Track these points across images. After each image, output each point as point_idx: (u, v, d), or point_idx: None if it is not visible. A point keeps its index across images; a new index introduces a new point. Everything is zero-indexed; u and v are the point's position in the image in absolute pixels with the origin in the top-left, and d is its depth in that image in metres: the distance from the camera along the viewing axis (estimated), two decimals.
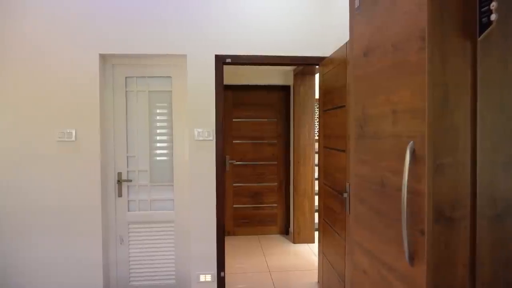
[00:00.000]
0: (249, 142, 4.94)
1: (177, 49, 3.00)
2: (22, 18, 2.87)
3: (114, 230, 3.13)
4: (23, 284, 2.95)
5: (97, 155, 2.95)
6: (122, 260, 3.14)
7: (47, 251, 2.95)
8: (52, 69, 2.90)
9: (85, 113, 2.93)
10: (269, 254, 4.23)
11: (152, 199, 3.16)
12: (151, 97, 3.14)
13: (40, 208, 2.94)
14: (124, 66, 3.10)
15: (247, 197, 4.95)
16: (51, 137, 2.92)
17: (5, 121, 2.89)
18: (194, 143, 3.03)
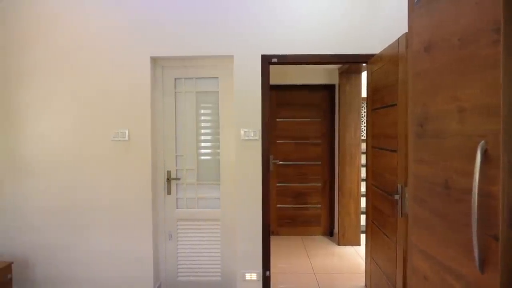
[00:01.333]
0: (293, 142, 4.91)
1: (224, 50, 3.05)
2: (81, 26, 3.06)
3: (163, 226, 3.24)
4: (81, 275, 3.14)
5: (148, 154, 3.07)
6: (170, 255, 3.25)
7: (102, 244, 3.12)
8: (108, 72, 3.06)
9: (137, 113, 3.06)
10: (313, 255, 4.17)
11: (199, 197, 3.24)
12: (199, 98, 3.22)
13: (96, 205, 3.11)
14: (173, 68, 3.20)
15: (291, 197, 4.93)
16: (106, 137, 3.08)
17: (65, 122, 3.09)
18: (240, 142, 3.06)
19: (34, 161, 3.12)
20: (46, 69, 3.08)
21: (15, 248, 3.16)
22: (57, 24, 3.06)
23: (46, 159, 3.12)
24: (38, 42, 3.08)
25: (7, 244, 3.16)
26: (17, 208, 3.15)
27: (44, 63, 3.08)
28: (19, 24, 3.08)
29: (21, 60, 3.09)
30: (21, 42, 3.08)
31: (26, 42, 3.08)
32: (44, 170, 3.12)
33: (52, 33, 3.07)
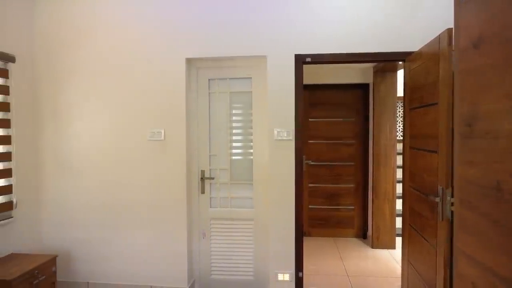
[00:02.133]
0: (325, 142, 4.85)
1: (257, 51, 3.05)
2: (120, 30, 3.16)
3: (197, 224, 3.29)
4: (119, 269, 3.25)
5: (183, 153, 3.13)
6: (204, 254, 3.29)
7: (139, 240, 3.22)
8: (145, 74, 3.15)
9: (172, 114, 3.13)
10: (346, 258, 4.10)
11: (232, 197, 3.26)
12: (232, 98, 3.24)
13: (133, 202, 3.21)
14: (207, 69, 3.24)
15: (323, 198, 4.87)
16: (143, 137, 3.17)
17: (105, 122, 3.21)
18: (273, 142, 3.06)
19: (76, 159, 3.27)
20: (88, 71, 3.22)
21: (59, 242, 3.32)
22: (98, 28, 3.19)
23: (87, 158, 3.25)
24: (81, 46, 3.21)
25: (52, 238, 3.33)
26: (61, 204, 3.30)
27: (86, 66, 3.21)
28: (64, 29, 3.23)
29: (66, 63, 3.24)
30: (66, 46, 3.23)
31: (70, 46, 3.23)
32: (86, 168, 3.25)
33: (93, 37, 3.20)
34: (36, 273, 2.67)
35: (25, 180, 3.14)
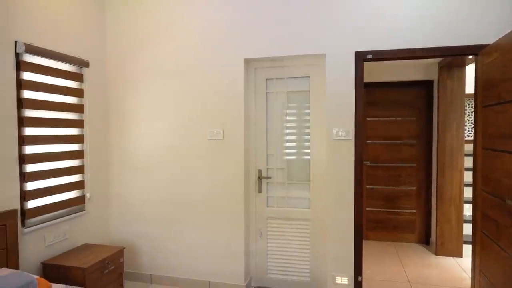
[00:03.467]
0: (384, 143, 4.66)
1: (316, 49, 3.01)
2: (182, 34, 3.29)
3: (254, 223, 3.32)
4: (179, 263, 3.38)
5: (241, 153, 3.18)
6: (261, 252, 3.31)
7: (198, 237, 3.32)
8: (205, 75, 3.24)
9: (231, 114, 3.19)
10: (407, 264, 3.90)
11: (289, 197, 3.25)
12: (289, 97, 3.23)
13: (193, 199, 3.32)
14: (265, 69, 3.26)
15: (381, 200, 4.68)
16: (203, 136, 3.27)
17: (167, 122, 3.36)
18: (332, 142, 2.99)
19: (140, 158, 3.46)
20: (152, 75, 3.39)
21: (125, 235, 3.53)
22: (161, 34, 3.34)
23: (151, 156, 3.42)
24: (146, 52, 3.39)
25: (119, 231, 3.55)
26: (126, 200, 3.51)
27: (150, 70, 3.39)
28: (131, 36, 3.43)
29: (133, 67, 3.44)
30: (132, 52, 3.43)
31: (136, 52, 3.42)
32: (149, 166, 3.43)
33: (157, 43, 3.36)
34: (106, 263, 2.86)
35: (96, 177, 3.38)
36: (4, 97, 2.46)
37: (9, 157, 2.50)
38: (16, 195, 2.55)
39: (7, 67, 2.48)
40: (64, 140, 2.97)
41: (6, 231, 2.42)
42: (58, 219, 2.91)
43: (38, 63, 2.73)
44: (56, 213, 2.92)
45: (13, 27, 2.53)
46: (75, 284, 2.64)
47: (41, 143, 2.75)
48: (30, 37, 2.66)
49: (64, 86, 2.97)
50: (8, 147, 2.50)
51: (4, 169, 2.47)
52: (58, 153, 2.91)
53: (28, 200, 2.64)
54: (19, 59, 2.57)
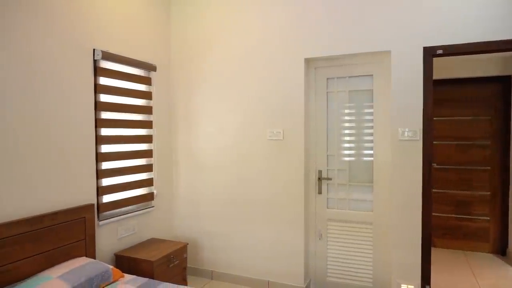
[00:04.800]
0: (453, 143, 4.35)
1: (380, 46, 2.89)
2: (244, 35, 3.35)
3: (314, 224, 3.28)
4: (238, 261, 3.44)
5: (301, 153, 3.15)
6: (320, 254, 3.26)
7: (258, 236, 3.35)
8: (265, 76, 3.27)
9: (291, 114, 3.18)
10: (481, 276, 3.59)
11: (350, 199, 3.16)
12: (351, 97, 3.14)
13: (254, 199, 3.36)
14: (326, 68, 3.20)
15: (449, 205, 4.37)
16: (263, 137, 3.29)
17: (229, 123, 3.44)
18: (397, 143, 2.85)
19: (203, 157, 3.58)
20: (214, 77, 3.49)
21: (188, 231, 3.68)
22: (223, 37, 3.44)
23: (213, 156, 3.53)
24: (208, 55, 3.51)
25: (182, 227, 3.71)
26: (190, 197, 3.66)
27: (213, 72, 3.49)
28: (194, 41, 3.57)
29: (196, 70, 3.57)
30: (195, 56, 3.57)
31: (199, 56, 3.55)
32: (211, 165, 3.54)
33: (219, 46, 3.46)
34: (172, 257, 3.00)
35: (162, 175, 3.56)
36: (85, 101, 2.69)
37: (88, 155, 2.73)
38: (93, 190, 2.78)
39: (87, 73, 2.71)
40: (134, 140, 3.16)
41: (85, 223, 2.64)
42: (128, 214, 3.11)
43: (112, 69, 2.95)
44: (127, 208, 3.13)
45: (91, 36, 2.75)
46: (144, 275, 2.80)
47: (114, 143, 2.96)
48: (105, 44, 2.88)
49: (134, 89, 3.17)
50: (88, 146, 2.72)
51: (85, 166, 2.69)
52: (129, 152, 3.11)
53: (102, 195, 2.86)
54: (96, 65, 2.79)
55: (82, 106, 2.68)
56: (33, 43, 2.32)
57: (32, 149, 2.32)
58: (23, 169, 2.26)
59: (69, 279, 2.14)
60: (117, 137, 2.99)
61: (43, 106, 2.39)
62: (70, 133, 2.58)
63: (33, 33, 2.32)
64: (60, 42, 2.50)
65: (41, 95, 2.38)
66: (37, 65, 2.35)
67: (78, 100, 2.64)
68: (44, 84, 2.39)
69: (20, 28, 2.24)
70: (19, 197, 2.24)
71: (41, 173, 2.37)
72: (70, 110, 2.58)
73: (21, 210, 2.25)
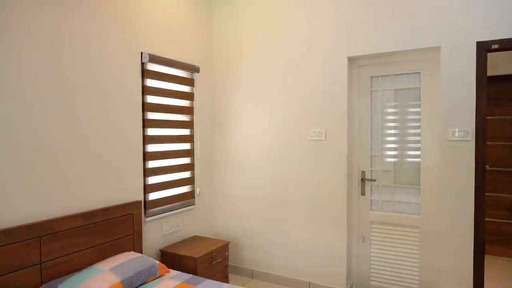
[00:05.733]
0: (506, 144, 4.08)
1: (429, 42, 2.77)
2: (283, 34, 3.34)
3: (357, 227, 3.20)
4: (279, 261, 3.44)
5: (343, 153, 3.09)
6: (363, 257, 3.18)
7: (298, 236, 3.33)
8: (307, 75, 3.24)
9: (333, 114, 3.13)
10: None
11: (395, 201, 3.05)
12: (397, 96, 3.03)
13: (294, 199, 3.34)
14: (370, 66, 3.12)
15: (503, 210, 4.11)
16: (304, 137, 3.27)
17: (268, 122, 3.45)
18: (447, 143, 2.72)
19: (243, 157, 3.61)
20: (253, 77, 3.51)
21: (229, 230, 3.73)
22: (262, 37, 3.45)
23: (253, 156, 3.55)
24: (247, 56, 3.54)
25: (223, 225, 3.77)
26: (230, 196, 3.71)
27: (252, 72, 3.52)
28: (235, 43, 3.61)
29: (237, 70, 3.62)
30: (237, 54, 3.61)
31: (241, 54, 3.59)
32: (251, 165, 3.56)
33: (258, 46, 3.47)
34: (214, 255, 3.05)
35: (204, 174, 3.64)
36: (134, 102, 2.81)
37: (137, 154, 2.85)
38: (140, 188, 2.89)
39: (135, 75, 2.83)
40: (177, 140, 3.25)
41: (133, 219, 2.76)
42: (172, 211, 3.20)
43: (157, 71, 3.05)
44: (171, 205, 3.22)
45: (139, 40, 2.87)
46: (187, 271, 2.87)
47: (159, 143, 3.06)
48: (151, 47, 2.98)
49: (178, 91, 3.26)
50: (136, 145, 2.84)
51: (133, 165, 2.81)
52: (173, 151, 3.20)
53: (149, 193, 2.97)
54: (143, 68, 2.90)
55: (132, 107, 2.80)
56: (86, 47, 2.45)
57: (86, 148, 2.45)
58: (78, 167, 2.40)
59: (119, 272, 2.24)
60: (162, 137, 3.09)
61: (97, 108, 2.52)
62: (121, 133, 2.70)
63: (86, 38, 2.45)
64: (111, 47, 2.63)
65: (95, 97, 2.51)
66: (90, 68, 2.48)
67: (128, 102, 2.76)
68: (97, 87, 2.52)
69: (75, 33, 2.38)
70: (74, 194, 2.38)
71: (93, 171, 2.51)
72: (121, 111, 2.70)
73: (75, 206, 2.38)
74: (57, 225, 2.21)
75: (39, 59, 2.16)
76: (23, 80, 2.09)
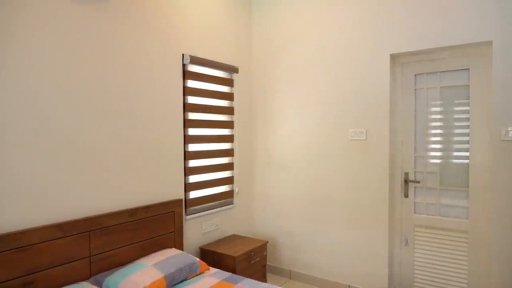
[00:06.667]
0: None
1: (479, 36, 2.61)
2: (323, 33, 3.30)
3: (399, 230, 3.09)
4: (318, 262, 3.40)
5: (385, 154, 3.00)
6: (406, 262, 3.06)
7: (338, 238, 3.27)
8: (348, 73, 3.18)
9: (375, 113, 3.04)
10: None
11: (441, 204, 2.91)
12: (443, 94, 2.89)
13: (333, 199, 3.29)
14: (413, 63, 3.00)
15: None
16: (345, 137, 3.20)
17: (307, 123, 3.41)
18: (499, 144, 2.56)
19: (281, 157, 3.60)
20: (293, 77, 3.49)
21: (267, 229, 3.74)
22: (301, 37, 3.42)
23: (291, 155, 3.53)
24: (286, 56, 3.53)
25: (261, 225, 3.78)
26: (268, 196, 3.71)
27: (292, 70, 3.50)
28: (273, 43, 3.61)
29: (275, 70, 3.62)
30: (276, 53, 3.61)
31: (280, 53, 3.59)
32: (290, 165, 3.55)
33: (297, 46, 3.45)
34: (252, 254, 3.07)
35: (242, 173, 3.67)
36: (175, 103, 2.90)
37: (178, 154, 2.93)
38: (181, 186, 2.96)
39: (177, 76, 2.91)
40: (216, 140, 3.30)
41: (174, 217, 2.83)
42: (211, 210, 3.26)
43: (198, 72, 3.11)
44: (210, 204, 3.28)
45: (180, 42, 2.94)
46: (226, 270, 2.90)
47: (198, 142, 3.12)
48: (192, 49, 3.05)
49: (218, 91, 3.31)
50: (178, 145, 2.92)
51: (175, 164, 2.89)
52: (212, 151, 3.26)
53: (189, 191, 3.03)
54: (184, 69, 2.97)
55: (174, 108, 2.88)
56: (133, 51, 2.56)
57: (131, 148, 2.55)
58: (124, 166, 2.51)
59: (162, 267, 2.31)
60: (201, 137, 3.15)
61: (141, 108, 2.62)
62: (164, 133, 2.79)
63: (131, 41, 2.55)
64: (155, 49, 2.72)
65: (140, 99, 2.61)
66: (136, 71, 2.58)
67: (170, 102, 2.85)
68: (142, 89, 2.62)
69: (126, 38, 2.49)
70: (120, 191, 2.48)
71: (137, 169, 2.60)
72: (163, 112, 2.79)
73: (121, 203, 2.49)
74: (105, 221, 2.32)
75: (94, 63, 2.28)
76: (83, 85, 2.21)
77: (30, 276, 1.95)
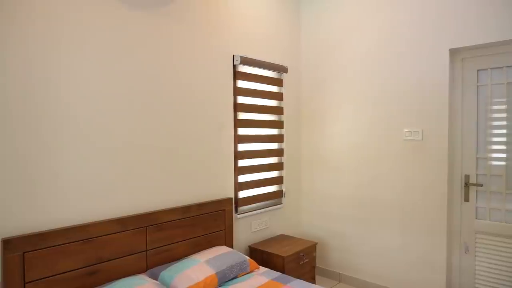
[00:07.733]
0: None
1: None
2: (375, 29, 3.19)
3: (459, 236, 2.91)
4: (368, 266, 3.30)
5: (444, 155, 2.84)
6: (466, 270, 2.88)
7: (390, 242, 3.15)
8: (402, 70, 3.05)
9: (432, 112, 2.89)
10: None
11: (507, 209, 2.70)
12: (510, 90, 2.68)
13: (385, 202, 3.17)
14: (475, 58, 2.81)
15: None
16: (399, 136, 3.08)
17: (358, 122, 3.32)
18: None
19: (331, 157, 3.54)
20: (342, 77, 3.42)
21: (316, 230, 3.69)
22: (352, 37, 3.34)
23: (342, 156, 3.46)
24: (338, 50, 3.46)
25: (311, 226, 3.74)
26: (317, 196, 3.67)
27: (343, 69, 3.43)
28: (325, 36, 3.56)
29: (325, 69, 3.57)
30: (325, 52, 3.56)
31: (329, 52, 3.53)
32: (340, 165, 3.47)
33: (347, 46, 3.37)
34: (301, 255, 3.05)
35: (291, 173, 3.66)
36: (227, 103, 2.96)
37: (229, 153, 2.98)
38: (231, 185, 3.02)
39: (228, 77, 2.97)
40: (266, 140, 3.32)
41: (224, 215, 2.89)
42: (261, 209, 3.28)
43: (248, 72, 3.15)
44: (260, 204, 3.30)
45: (231, 44, 3.00)
46: (275, 269, 2.91)
47: (248, 142, 3.16)
48: (242, 50, 3.09)
49: (267, 91, 3.33)
50: (229, 145, 2.98)
51: (225, 163, 2.96)
52: (262, 150, 3.28)
53: (239, 190, 3.08)
54: (235, 70, 3.02)
55: (225, 108, 2.94)
56: (186, 52, 2.65)
57: (184, 148, 2.65)
58: (178, 164, 2.60)
59: (213, 264, 2.37)
60: (251, 137, 3.18)
61: (195, 109, 2.70)
62: (215, 133, 2.86)
63: (186, 44, 2.64)
64: (207, 51, 2.80)
65: (194, 99, 2.69)
66: (188, 72, 2.67)
67: (221, 102, 2.91)
68: (195, 89, 2.71)
69: (182, 40, 2.58)
70: (174, 188, 2.58)
71: (190, 168, 2.69)
72: (214, 112, 2.86)
73: (175, 200, 2.59)
74: (160, 217, 2.43)
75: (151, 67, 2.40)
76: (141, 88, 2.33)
77: (94, 266, 2.08)
